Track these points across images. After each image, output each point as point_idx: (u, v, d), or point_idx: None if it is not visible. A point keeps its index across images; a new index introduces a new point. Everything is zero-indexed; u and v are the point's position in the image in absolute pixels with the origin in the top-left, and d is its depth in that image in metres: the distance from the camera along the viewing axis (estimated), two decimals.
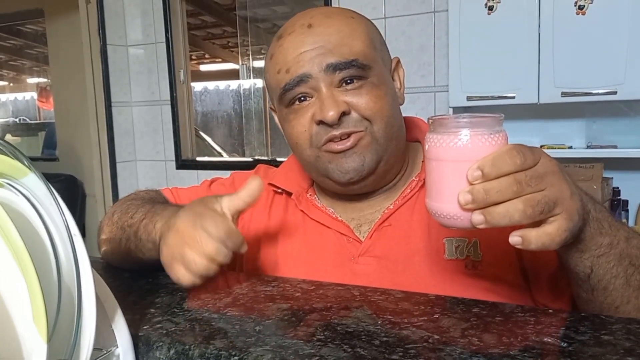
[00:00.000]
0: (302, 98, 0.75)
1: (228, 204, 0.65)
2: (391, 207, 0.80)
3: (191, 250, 0.61)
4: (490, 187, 0.47)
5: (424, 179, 0.79)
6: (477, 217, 0.47)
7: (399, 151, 0.79)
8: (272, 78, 0.78)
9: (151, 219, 0.72)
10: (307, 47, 0.73)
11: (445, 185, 0.50)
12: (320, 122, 0.73)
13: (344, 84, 0.73)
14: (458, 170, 0.48)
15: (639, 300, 0.59)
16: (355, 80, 0.73)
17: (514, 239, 0.49)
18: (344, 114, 0.72)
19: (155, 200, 0.83)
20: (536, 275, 0.72)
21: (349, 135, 0.73)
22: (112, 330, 0.47)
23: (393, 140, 0.76)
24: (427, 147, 0.52)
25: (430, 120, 0.52)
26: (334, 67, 0.72)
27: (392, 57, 0.82)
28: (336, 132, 0.72)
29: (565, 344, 0.47)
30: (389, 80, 0.78)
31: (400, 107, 0.81)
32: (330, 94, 0.72)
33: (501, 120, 0.50)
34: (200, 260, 0.60)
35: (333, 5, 2.61)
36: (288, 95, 0.75)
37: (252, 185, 0.66)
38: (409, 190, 0.80)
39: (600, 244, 0.56)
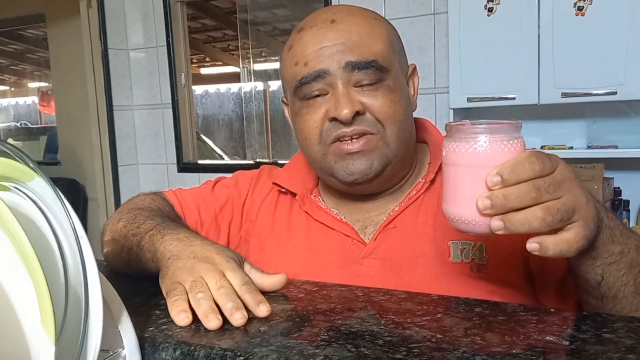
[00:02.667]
0: (317, 94, 0.75)
1: (249, 269, 0.63)
2: (396, 208, 0.80)
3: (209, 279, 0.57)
4: (509, 193, 0.47)
5: (430, 181, 0.79)
6: (496, 223, 0.48)
7: (408, 155, 0.79)
8: (288, 70, 0.77)
9: (159, 231, 0.69)
10: (328, 43, 0.73)
11: (463, 191, 0.50)
12: (333, 119, 0.73)
13: (361, 85, 0.73)
14: (476, 175, 0.49)
15: None
16: (372, 82, 0.73)
17: (532, 245, 0.49)
18: (358, 113, 0.72)
19: (165, 214, 0.80)
20: (543, 280, 0.72)
21: (359, 135, 0.73)
22: (119, 331, 0.48)
23: (404, 145, 0.76)
24: (444, 153, 0.52)
25: (448, 127, 0.52)
26: (353, 66, 0.72)
27: (409, 64, 0.83)
28: (347, 130, 0.72)
29: (568, 342, 0.47)
30: (404, 85, 0.79)
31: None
32: (346, 92, 0.72)
33: (519, 127, 0.50)
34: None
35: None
36: (304, 88, 0.75)
37: (281, 279, 0.63)
38: (415, 192, 0.80)
39: (612, 252, 0.57)
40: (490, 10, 2.18)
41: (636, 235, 0.61)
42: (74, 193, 3.43)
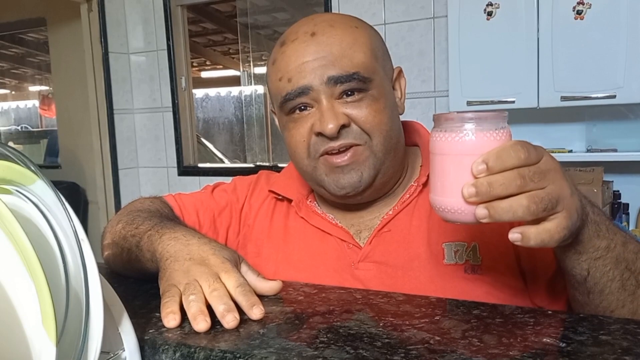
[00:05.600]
0: (303, 107, 0.75)
1: (246, 270, 0.63)
2: (390, 212, 0.80)
3: (204, 282, 0.58)
4: (494, 181, 0.47)
5: (422, 184, 0.80)
6: (481, 211, 0.48)
7: (397, 161, 0.79)
8: (273, 84, 0.78)
9: (157, 231, 0.69)
10: (309, 57, 0.73)
11: (449, 180, 0.51)
12: (319, 134, 0.73)
13: (344, 96, 0.73)
14: (462, 164, 0.49)
15: (634, 304, 0.60)
16: (356, 93, 0.73)
17: (514, 235, 0.49)
18: (343, 126, 0.72)
19: (163, 215, 0.81)
20: (534, 279, 0.72)
21: (347, 148, 0.73)
22: (119, 333, 0.48)
23: (391, 153, 0.76)
24: (432, 142, 0.53)
25: (435, 117, 0.53)
26: (335, 80, 0.72)
27: (394, 67, 0.83)
28: (334, 144, 0.73)
29: (564, 344, 0.47)
30: (390, 91, 0.79)
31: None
32: (330, 106, 0.73)
33: (505, 116, 0.51)
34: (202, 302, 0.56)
35: (334, 11, 2.63)
36: (289, 104, 0.75)
37: (275, 286, 0.63)
38: (408, 196, 0.80)
39: (598, 247, 0.57)
40: (489, 14, 2.19)
41: (623, 231, 0.61)
42: (75, 196, 3.43)
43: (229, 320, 0.54)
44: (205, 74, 6.28)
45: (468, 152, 0.49)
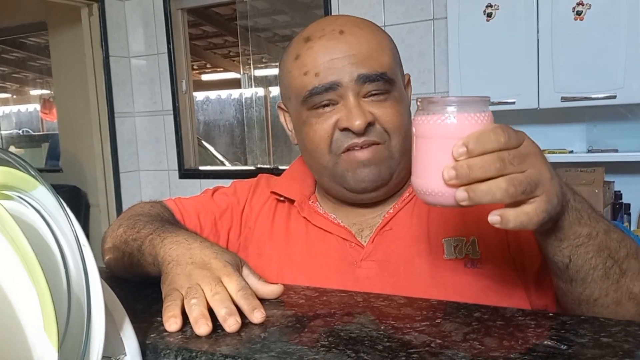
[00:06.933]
0: (327, 103, 0.76)
1: (247, 273, 0.63)
2: (391, 211, 0.81)
3: (206, 286, 0.58)
4: (474, 163, 0.48)
5: None
6: (461, 194, 0.48)
7: (410, 162, 0.81)
8: (295, 79, 0.78)
9: (159, 235, 0.69)
10: (338, 54, 0.75)
11: (430, 162, 0.51)
12: (345, 129, 0.74)
13: (369, 95, 0.75)
14: (444, 147, 0.50)
15: (617, 293, 0.60)
16: (380, 93, 0.75)
17: (493, 217, 0.49)
18: (369, 124, 0.74)
19: (164, 219, 0.81)
20: (524, 271, 0.73)
21: (369, 145, 0.75)
22: (121, 338, 0.48)
23: (406, 154, 0.77)
24: (414, 125, 0.53)
25: (419, 100, 0.54)
26: (364, 79, 0.74)
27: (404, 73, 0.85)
28: (359, 141, 0.74)
29: (565, 347, 0.47)
30: (406, 96, 0.81)
31: None
32: (357, 104, 0.74)
33: (487, 101, 0.52)
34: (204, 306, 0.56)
35: (333, 13, 2.63)
36: (314, 99, 0.76)
37: (276, 289, 0.64)
38: (408, 194, 0.82)
39: (579, 234, 0.57)
40: (489, 15, 2.20)
41: (606, 220, 0.61)
42: (76, 200, 3.43)
43: (231, 324, 0.54)
44: (205, 77, 6.28)
45: (449, 135, 0.50)
